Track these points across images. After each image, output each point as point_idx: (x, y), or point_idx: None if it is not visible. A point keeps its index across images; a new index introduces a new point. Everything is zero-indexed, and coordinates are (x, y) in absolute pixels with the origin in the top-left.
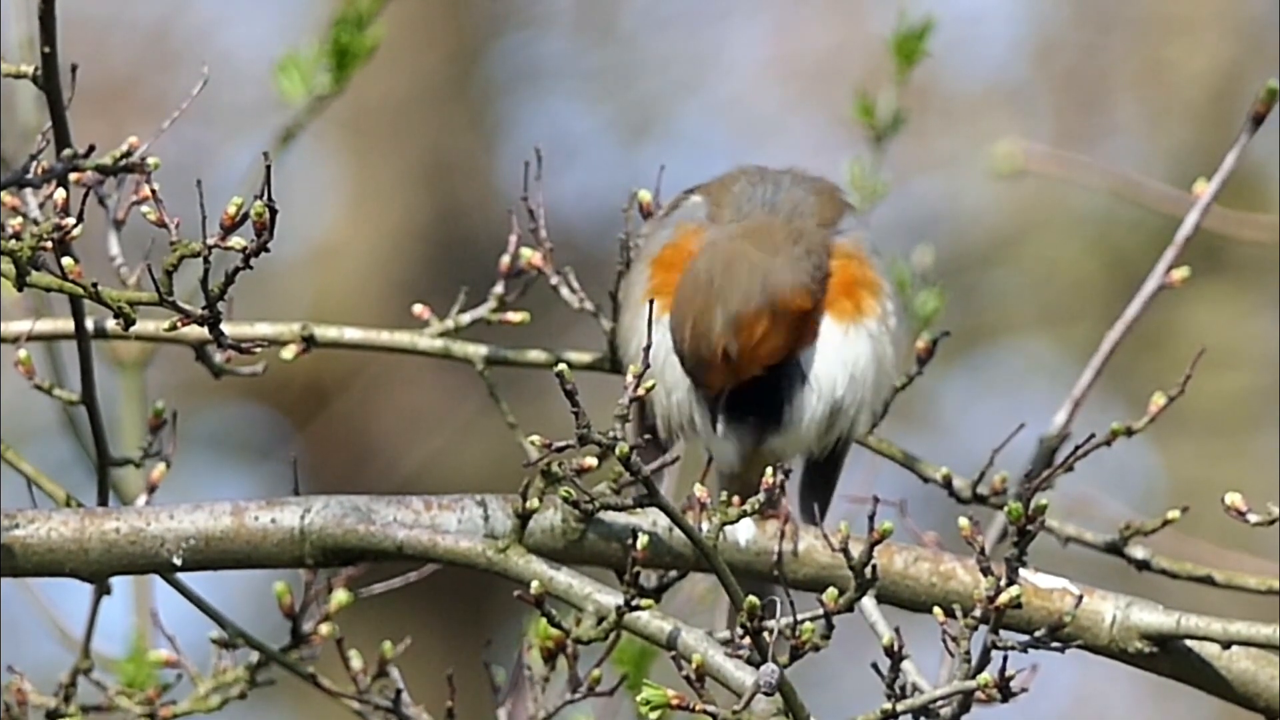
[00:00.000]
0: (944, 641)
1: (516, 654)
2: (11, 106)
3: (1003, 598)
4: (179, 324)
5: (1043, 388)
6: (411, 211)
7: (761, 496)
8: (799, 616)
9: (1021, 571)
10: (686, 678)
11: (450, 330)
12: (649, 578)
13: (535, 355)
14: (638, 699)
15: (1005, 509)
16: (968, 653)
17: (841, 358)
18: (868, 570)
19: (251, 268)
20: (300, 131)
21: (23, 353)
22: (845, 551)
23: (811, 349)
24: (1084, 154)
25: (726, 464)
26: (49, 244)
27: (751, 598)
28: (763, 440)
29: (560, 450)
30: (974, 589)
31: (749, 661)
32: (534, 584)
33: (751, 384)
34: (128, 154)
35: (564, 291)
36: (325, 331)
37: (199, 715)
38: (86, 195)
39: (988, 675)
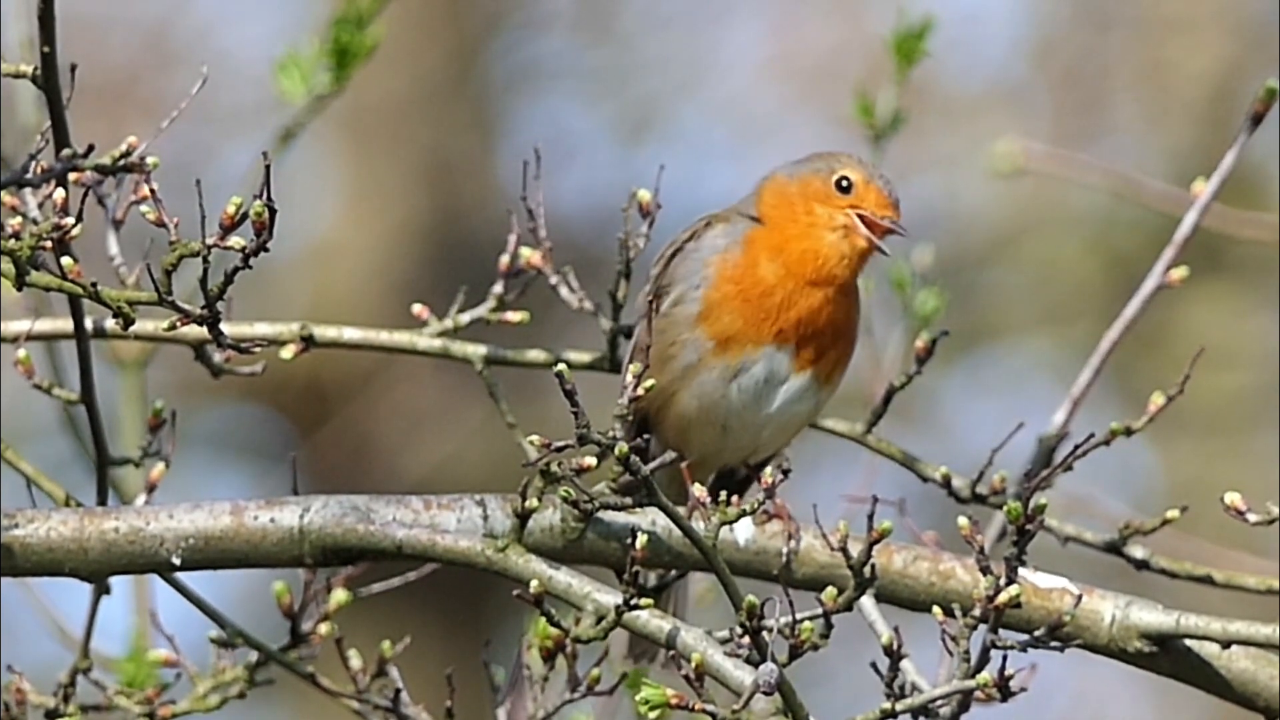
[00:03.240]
0: (943, 641)
1: (516, 653)
2: (11, 106)
3: (1002, 597)
4: (178, 324)
5: (1042, 387)
6: (411, 211)
7: (760, 496)
8: (798, 616)
9: (1021, 571)
10: (686, 677)
11: (449, 330)
12: (648, 577)
13: (535, 355)
14: (637, 698)
15: (1004, 508)
16: (967, 652)
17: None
18: (866, 569)
19: (251, 267)
20: (300, 131)
21: (22, 352)
22: (844, 551)
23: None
24: (1084, 154)
25: (750, 432)
26: (48, 244)
27: (750, 597)
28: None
29: (560, 450)
30: (973, 588)
31: (748, 661)
32: (533, 583)
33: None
34: (127, 154)
35: (563, 291)
36: (324, 331)
37: (198, 715)
38: (86, 195)
39: (987, 675)
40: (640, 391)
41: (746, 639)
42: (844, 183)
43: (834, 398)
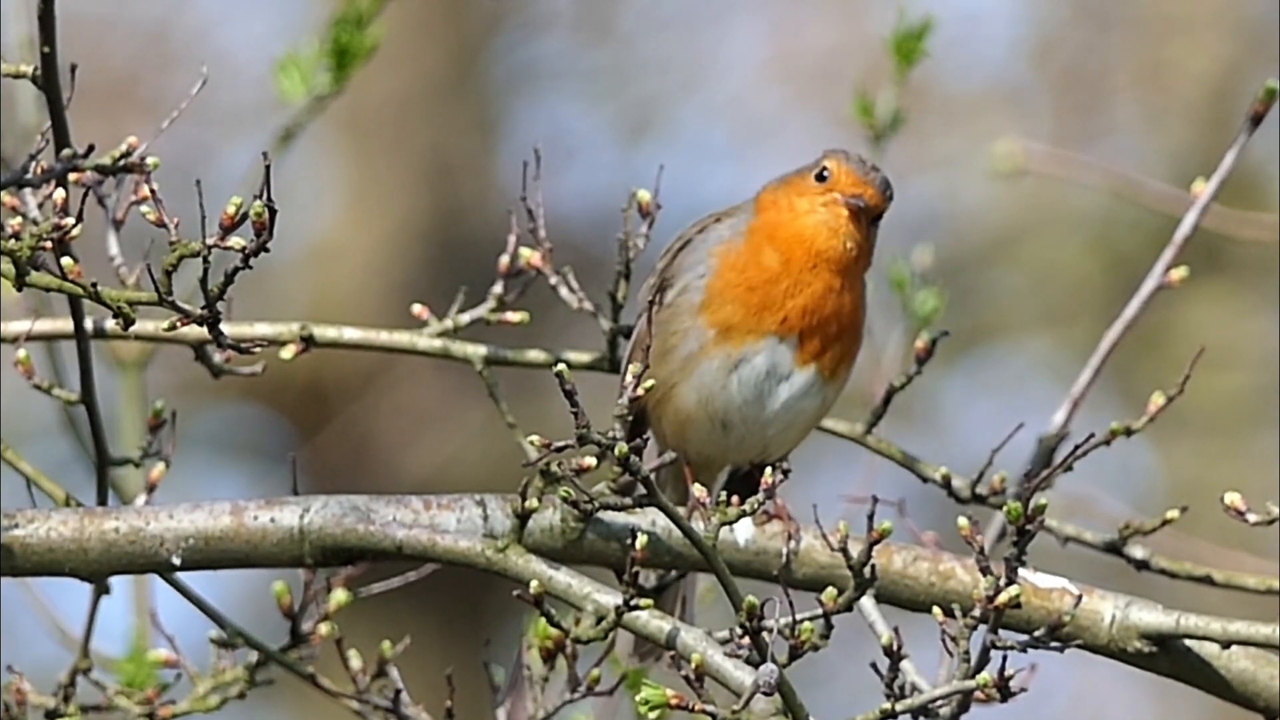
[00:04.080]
0: (943, 641)
1: (516, 654)
2: (11, 106)
3: (1002, 597)
4: (178, 324)
5: (1042, 387)
6: (411, 211)
7: (760, 496)
8: (798, 616)
9: (1021, 571)
10: (686, 677)
11: (449, 330)
12: (648, 577)
13: (534, 355)
14: (637, 698)
15: (1004, 508)
16: (967, 652)
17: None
18: (866, 570)
19: (251, 267)
20: (300, 131)
21: (22, 352)
22: (844, 551)
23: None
24: (1083, 154)
25: (754, 431)
26: (48, 244)
27: (750, 598)
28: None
29: (560, 450)
30: (973, 588)
31: (748, 661)
32: (533, 583)
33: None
34: (127, 154)
35: (563, 291)
36: (324, 331)
37: (198, 715)
38: (86, 195)
39: (987, 675)
40: (640, 391)
41: (746, 639)
42: (823, 174)
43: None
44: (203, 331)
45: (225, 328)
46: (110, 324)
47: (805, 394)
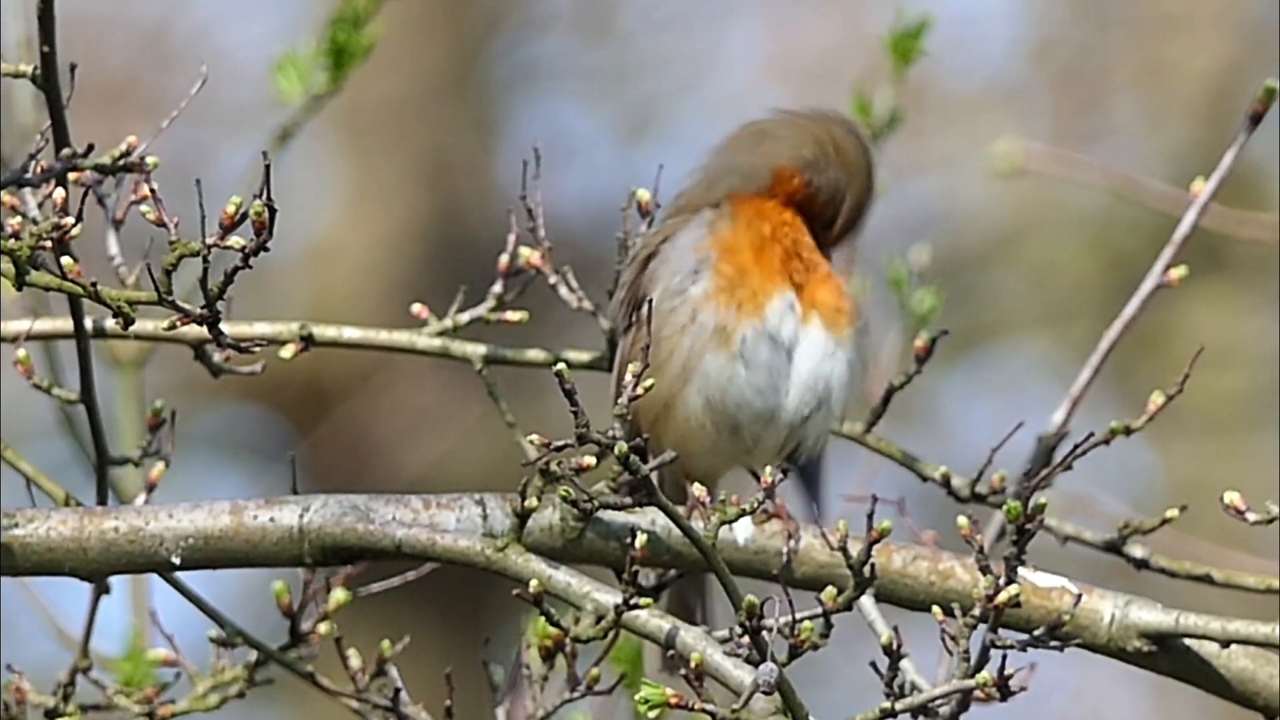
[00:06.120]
0: (943, 640)
1: (515, 653)
2: (11, 106)
3: (1001, 596)
4: (178, 323)
5: (1041, 387)
6: (411, 211)
7: (760, 495)
8: (797, 615)
9: (1020, 570)
10: (685, 677)
11: (449, 329)
12: (647, 576)
13: (534, 354)
14: (636, 698)
15: (1004, 508)
16: (966, 651)
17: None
18: (866, 569)
19: (250, 267)
20: (298, 131)
21: (21, 352)
22: (844, 550)
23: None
24: (1083, 153)
25: (771, 430)
26: (48, 243)
27: (750, 597)
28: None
29: (559, 449)
30: (973, 588)
31: (748, 660)
32: (532, 583)
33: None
34: (126, 153)
35: (563, 291)
36: (324, 331)
37: (197, 714)
38: (85, 195)
39: (986, 674)
40: (640, 391)
41: (746, 638)
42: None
43: None
44: (202, 331)
45: (225, 327)
46: (110, 323)
47: (823, 357)
